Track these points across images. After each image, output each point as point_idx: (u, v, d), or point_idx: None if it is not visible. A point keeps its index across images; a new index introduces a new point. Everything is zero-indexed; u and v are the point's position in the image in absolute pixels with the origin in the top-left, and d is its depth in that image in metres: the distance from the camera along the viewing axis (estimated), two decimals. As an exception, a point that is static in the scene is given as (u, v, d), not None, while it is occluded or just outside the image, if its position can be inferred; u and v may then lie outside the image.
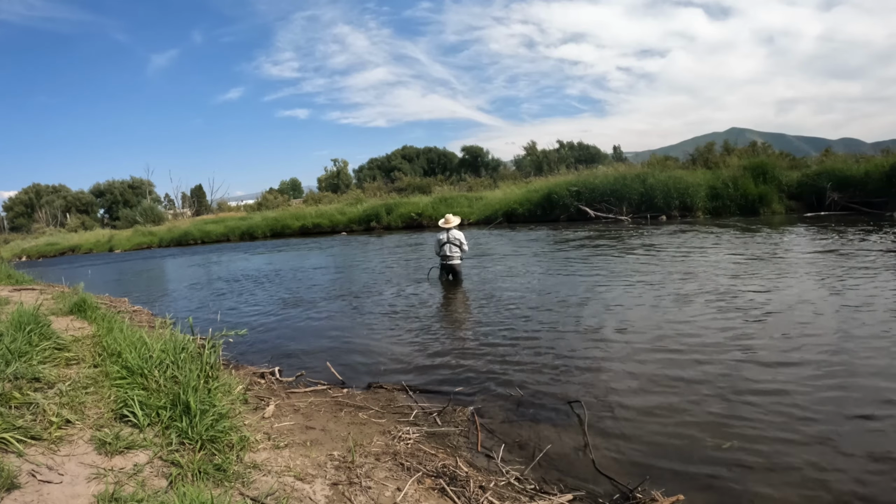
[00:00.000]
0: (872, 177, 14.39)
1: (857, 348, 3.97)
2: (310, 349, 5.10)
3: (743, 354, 3.99)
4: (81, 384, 2.80)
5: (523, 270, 8.57)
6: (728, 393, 3.36)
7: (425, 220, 20.48)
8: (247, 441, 2.51)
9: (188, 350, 3.19)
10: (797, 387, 3.39)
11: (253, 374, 4.20)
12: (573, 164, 39.60)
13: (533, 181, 24.03)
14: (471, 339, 4.99)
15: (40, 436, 2.20)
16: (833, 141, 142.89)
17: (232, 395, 3.07)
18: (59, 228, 39.20)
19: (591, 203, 17.40)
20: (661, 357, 4.09)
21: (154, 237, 26.56)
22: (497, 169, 49.96)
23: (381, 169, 53.51)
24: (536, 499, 2.35)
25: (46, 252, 27.34)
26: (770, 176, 15.81)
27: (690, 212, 16.03)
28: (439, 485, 2.37)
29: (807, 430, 2.85)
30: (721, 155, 20.42)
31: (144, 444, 2.29)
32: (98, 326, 4.21)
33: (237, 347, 5.15)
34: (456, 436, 3.05)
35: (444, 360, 4.42)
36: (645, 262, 8.44)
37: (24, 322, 3.40)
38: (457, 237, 7.40)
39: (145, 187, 51.97)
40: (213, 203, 46.89)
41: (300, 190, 61.68)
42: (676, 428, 2.99)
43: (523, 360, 4.26)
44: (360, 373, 4.31)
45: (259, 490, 2.10)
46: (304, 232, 23.36)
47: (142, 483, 2.00)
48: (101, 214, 50.27)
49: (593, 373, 3.88)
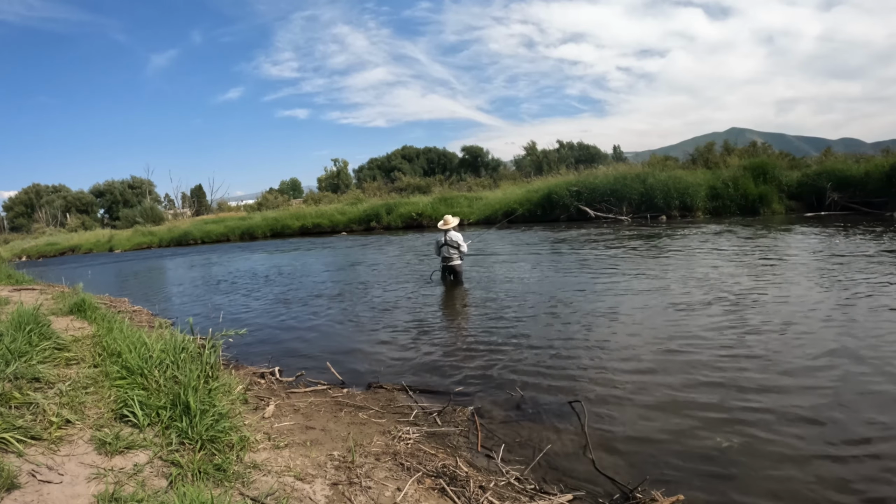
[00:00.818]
0: (872, 177, 14.40)
1: (859, 349, 3.97)
2: (310, 349, 5.10)
3: (743, 355, 4.00)
4: (81, 384, 2.80)
5: (523, 270, 8.57)
6: (728, 393, 3.36)
7: (425, 221, 20.48)
8: (247, 441, 2.51)
9: (188, 350, 3.19)
10: (798, 387, 3.39)
11: (253, 374, 4.20)
12: (573, 164, 39.59)
13: (534, 181, 24.01)
14: (471, 339, 4.99)
15: (40, 436, 2.20)
16: (833, 141, 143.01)
17: (232, 395, 3.07)
18: (59, 228, 39.18)
19: (591, 203, 17.40)
20: (661, 357, 4.09)
21: (154, 237, 26.54)
22: (497, 169, 49.90)
23: (381, 169, 53.47)
24: (536, 499, 2.35)
25: (46, 252, 27.32)
26: (770, 176, 15.83)
27: (690, 212, 16.03)
28: (439, 485, 2.37)
29: (807, 431, 2.86)
30: (721, 155, 20.42)
31: (144, 444, 2.29)
32: (98, 326, 4.21)
33: (237, 347, 5.15)
34: (456, 436, 3.05)
35: (444, 360, 4.42)
36: (645, 263, 8.44)
37: (24, 322, 3.41)
38: (454, 239, 7.33)
39: (145, 187, 51.94)
40: (213, 203, 46.86)
41: (300, 190, 61.62)
42: (676, 428, 2.99)
43: (523, 360, 4.26)
44: (360, 373, 4.31)
45: (259, 490, 2.10)
46: (304, 232, 23.36)
47: (142, 483, 2.00)
48: (101, 214, 50.21)
49: (593, 373, 3.88)
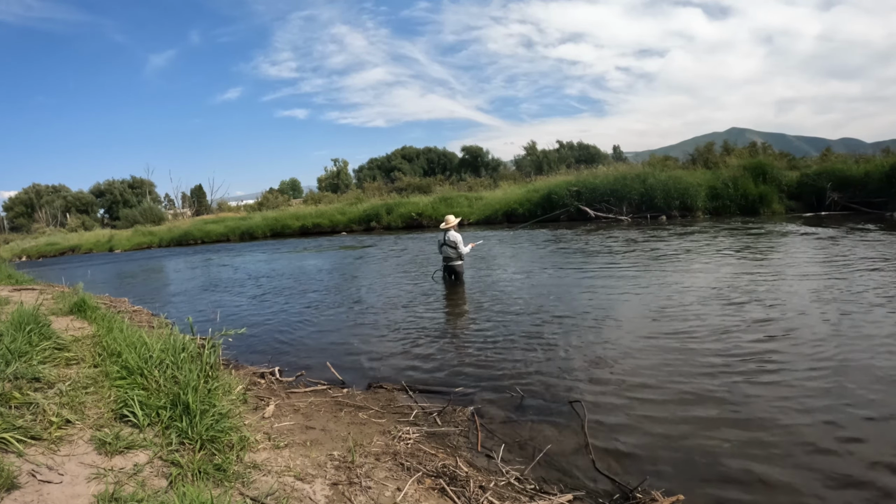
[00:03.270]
0: (872, 177, 14.40)
1: (859, 349, 3.97)
2: (310, 349, 5.10)
3: (744, 355, 4.00)
4: (81, 384, 2.80)
5: (523, 271, 8.57)
6: (729, 393, 3.36)
7: (425, 220, 20.48)
8: (247, 441, 2.51)
9: (188, 350, 3.18)
10: (798, 387, 3.39)
11: (253, 374, 4.20)
12: (573, 164, 39.57)
13: (534, 181, 24.01)
14: (471, 339, 4.99)
15: (40, 436, 2.20)
16: (833, 141, 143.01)
17: (232, 395, 3.07)
18: (59, 228, 39.12)
19: (591, 203, 17.39)
20: (661, 357, 4.09)
21: (154, 237, 26.52)
22: (497, 169, 49.88)
23: (381, 169, 53.47)
24: (536, 499, 2.35)
25: (46, 252, 27.29)
26: (770, 176, 15.83)
27: (690, 212, 16.03)
28: (439, 485, 2.37)
29: (808, 431, 2.86)
30: (721, 155, 20.43)
31: (144, 444, 2.29)
32: (98, 326, 4.21)
33: (237, 347, 5.15)
34: (456, 436, 3.05)
35: (444, 360, 4.42)
36: (645, 263, 8.44)
37: (24, 322, 3.40)
38: (452, 239, 7.26)
39: (145, 187, 51.91)
40: (213, 203, 46.83)
41: (300, 190, 61.60)
42: (677, 428, 2.99)
43: (523, 360, 4.26)
44: (360, 373, 4.31)
45: (259, 490, 2.10)
46: (304, 232, 23.35)
47: (142, 483, 2.00)
48: (101, 214, 50.15)
49: (593, 373, 3.88)
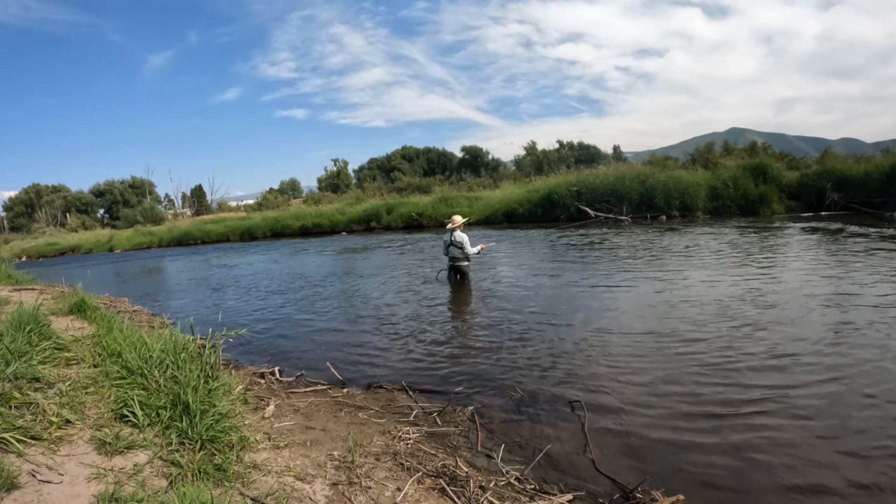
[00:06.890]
0: (872, 177, 14.41)
1: (859, 349, 3.97)
2: (310, 349, 5.10)
3: (744, 355, 3.99)
4: (81, 384, 2.80)
5: (524, 270, 8.57)
6: (729, 393, 3.36)
7: (425, 220, 20.48)
8: (247, 441, 2.51)
9: (188, 350, 3.19)
10: (798, 388, 3.39)
11: (253, 374, 4.20)
12: (573, 164, 39.58)
13: (535, 181, 24.01)
14: (471, 339, 4.99)
15: (40, 436, 2.20)
16: (833, 141, 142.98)
17: (232, 395, 3.07)
18: (59, 228, 39.13)
19: (592, 203, 17.39)
20: (661, 357, 4.09)
21: (154, 237, 26.51)
22: (497, 169, 49.89)
23: (381, 169, 53.50)
24: (536, 499, 2.35)
25: (46, 252, 27.30)
26: (770, 176, 15.84)
27: (690, 212, 16.04)
28: (439, 485, 2.37)
29: (808, 431, 2.86)
30: (721, 155, 20.45)
31: (144, 444, 2.29)
32: (98, 326, 4.21)
33: (237, 347, 5.15)
34: (456, 436, 3.05)
35: (444, 360, 4.42)
36: (645, 263, 8.44)
37: (24, 322, 3.40)
38: (458, 239, 7.30)
39: (145, 187, 51.93)
40: (213, 203, 46.88)
41: (300, 190, 61.66)
42: (677, 428, 2.99)
43: (524, 360, 4.26)
44: (360, 373, 4.31)
45: (259, 490, 2.10)
46: (304, 232, 23.34)
47: (142, 483, 2.00)
48: (101, 214, 50.18)
49: (593, 373, 3.88)
